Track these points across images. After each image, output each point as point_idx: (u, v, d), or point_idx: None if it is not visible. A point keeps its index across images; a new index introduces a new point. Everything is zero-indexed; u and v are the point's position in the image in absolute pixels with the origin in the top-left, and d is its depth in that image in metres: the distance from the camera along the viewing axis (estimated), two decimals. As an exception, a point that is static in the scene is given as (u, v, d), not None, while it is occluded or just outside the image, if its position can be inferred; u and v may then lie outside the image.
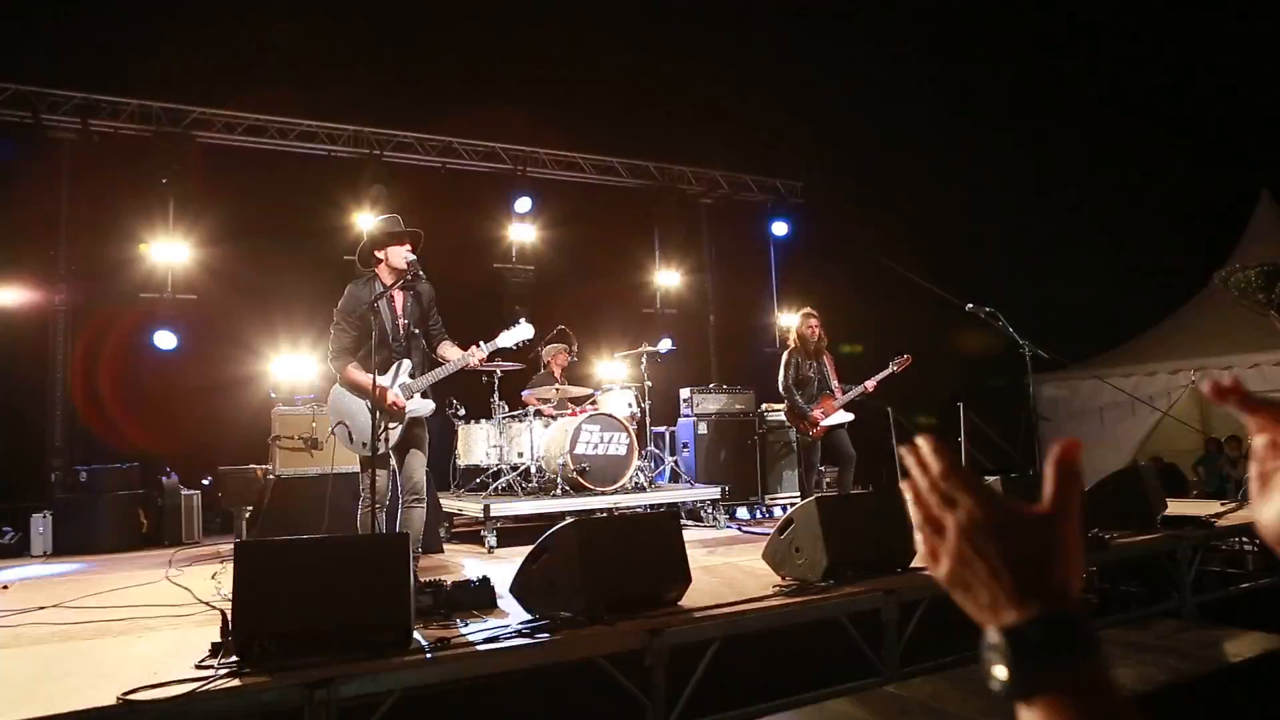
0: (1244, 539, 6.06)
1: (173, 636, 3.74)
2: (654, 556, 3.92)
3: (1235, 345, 10.47)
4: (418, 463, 4.92)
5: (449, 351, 5.02)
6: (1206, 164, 12.23)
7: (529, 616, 3.60)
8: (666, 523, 4.14)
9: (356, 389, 4.84)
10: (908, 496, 0.79)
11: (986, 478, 6.03)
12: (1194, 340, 11.21)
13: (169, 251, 9.27)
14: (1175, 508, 6.00)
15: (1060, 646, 0.68)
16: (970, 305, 6.73)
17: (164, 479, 7.96)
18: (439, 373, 4.96)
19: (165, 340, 9.00)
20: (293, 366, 8.76)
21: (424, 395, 4.94)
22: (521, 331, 5.05)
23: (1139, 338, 12.22)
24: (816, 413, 7.43)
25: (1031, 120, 12.56)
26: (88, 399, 8.90)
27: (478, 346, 4.91)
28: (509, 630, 3.42)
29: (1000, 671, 0.70)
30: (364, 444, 4.79)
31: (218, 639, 3.15)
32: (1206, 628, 4.58)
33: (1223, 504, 6.66)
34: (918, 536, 0.78)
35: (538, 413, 7.86)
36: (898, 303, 11.36)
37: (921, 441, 0.80)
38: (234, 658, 2.99)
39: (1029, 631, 0.69)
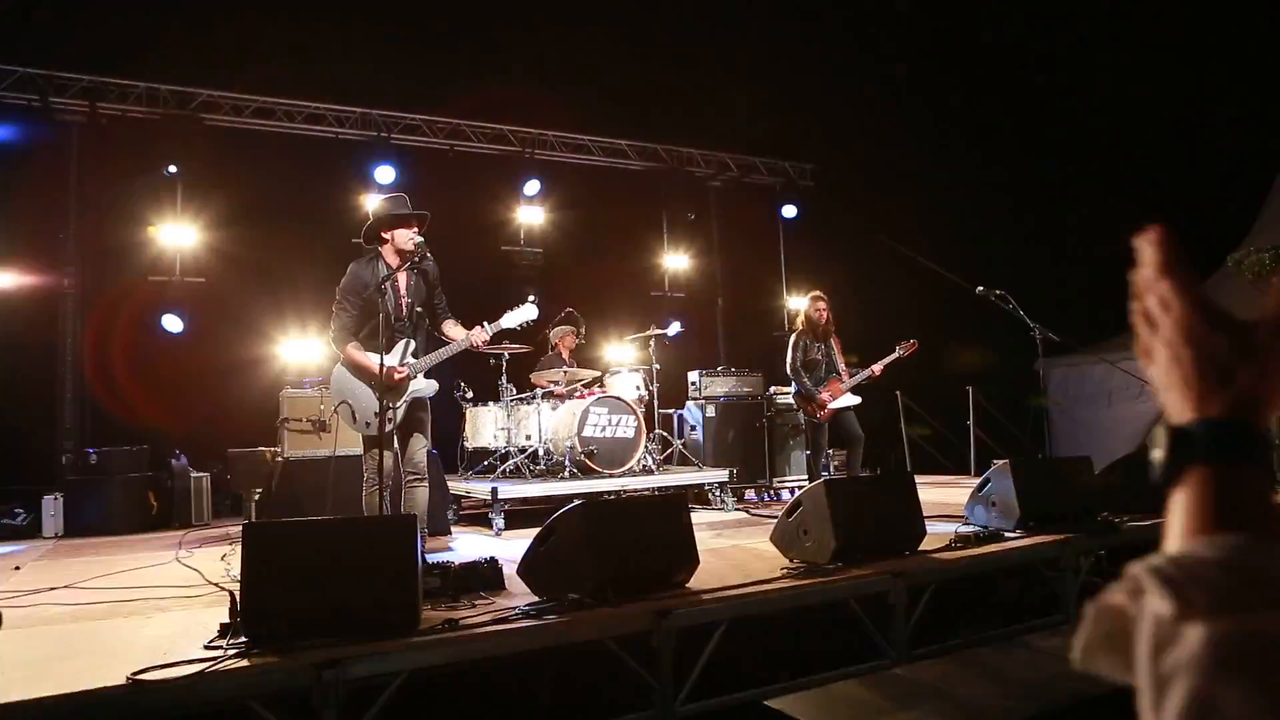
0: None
1: (182, 617, 3.76)
2: (662, 538, 3.92)
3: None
4: (419, 444, 4.93)
5: (453, 331, 5.01)
6: (1220, 146, 12.11)
7: (537, 598, 3.61)
8: (674, 505, 4.13)
9: (358, 369, 4.85)
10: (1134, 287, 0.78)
11: (995, 461, 6.01)
12: (1206, 323, 11.11)
13: (177, 234, 9.28)
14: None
15: (1222, 447, 0.68)
16: (980, 288, 6.70)
17: (173, 461, 8.00)
18: (442, 353, 4.95)
19: (173, 323, 9.01)
20: (301, 349, 8.77)
21: (427, 376, 4.94)
22: (526, 312, 5.04)
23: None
24: (824, 395, 7.42)
25: (1044, 103, 12.45)
26: (97, 381, 8.93)
27: (481, 327, 4.90)
28: (517, 612, 3.43)
29: (1157, 455, 0.71)
30: (367, 423, 4.80)
31: (227, 620, 3.16)
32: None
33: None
34: (1138, 334, 0.78)
35: (546, 395, 7.86)
36: (907, 286, 11.31)
37: (1148, 232, 0.78)
38: (243, 638, 3.00)
39: (1196, 429, 0.69)
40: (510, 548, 5.48)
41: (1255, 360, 0.71)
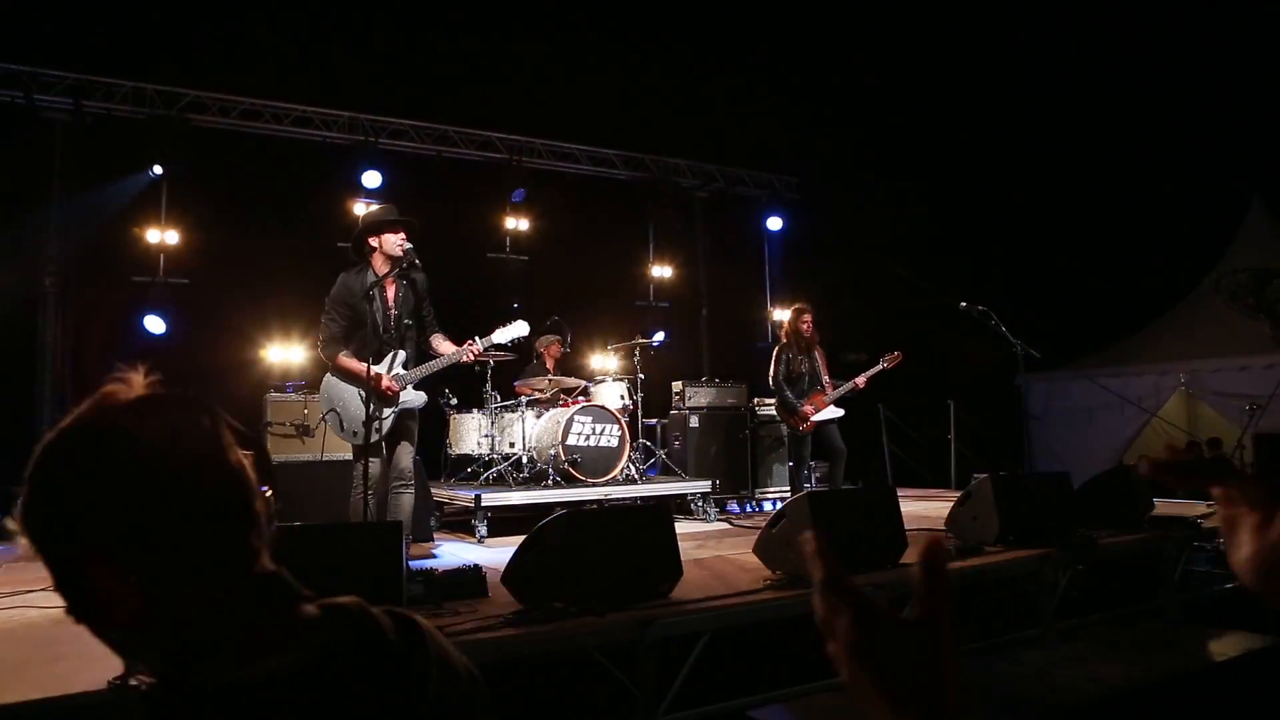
0: (1229, 540, 6.11)
1: (163, 621, 3.73)
2: (646, 548, 3.93)
3: (1224, 348, 10.54)
4: (406, 451, 4.95)
5: (441, 345, 5.04)
6: (1199, 168, 12.29)
7: (520, 606, 3.61)
8: (658, 515, 4.15)
9: (349, 376, 4.85)
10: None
11: (976, 475, 6.06)
12: (1184, 342, 11.28)
13: (161, 235, 9.23)
14: (1162, 508, 6.05)
15: None
16: (964, 304, 6.78)
17: (154, 464, 7.92)
18: (433, 366, 4.98)
19: (156, 324, 8.95)
20: (285, 353, 8.74)
21: (415, 388, 4.96)
22: (517, 329, 5.09)
23: (1129, 339, 12.29)
24: (807, 408, 7.46)
25: (1025, 121, 12.60)
26: (77, 382, 8.85)
27: (473, 342, 4.94)
28: (501, 620, 3.43)
29: None
30: (354, 432, 4.80)
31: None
32: (1191, 627, 4.64)
33: (1209, 505, 6.71)
34: (828, 642, 0.75)
35: (530, 403, 7.86)
36: (890, 299, 11.40)
37: (805, 538, 0.76)
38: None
39: None
40: (493, 555, 5.47)
41: (930, 663, 0.70)
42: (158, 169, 9.07)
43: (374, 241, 4.94)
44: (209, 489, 0.90)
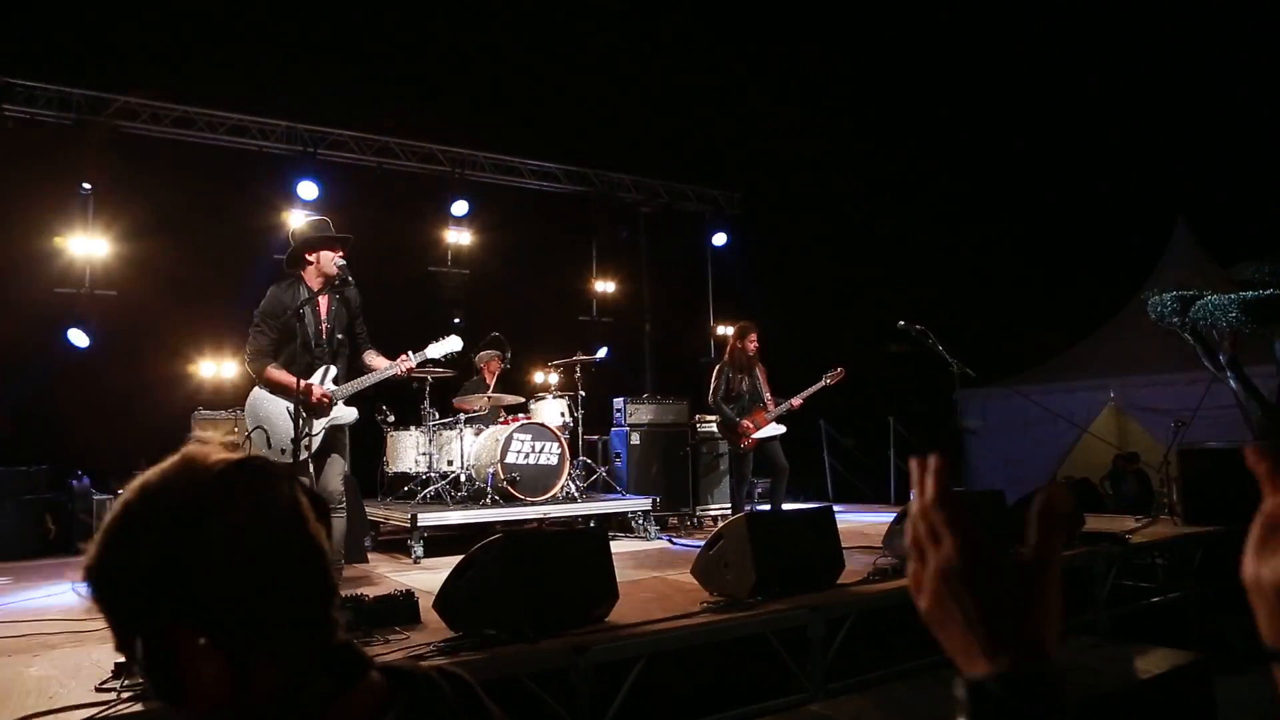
0: (1155, 554, 6.26)
1: (74, 655, 3.56)
2: (581, 572, 3.88)
3: (1152, 365, 10.86)
4: (336, 470, 4.81)
5: (374, 360, 4.94)
6: (1125, 190, 12.69)
7: (452, 634, 3.53)
8: (595, 538, 4.10)
9: (278, 389, 4.71)
10: (912, 510, 0.76)
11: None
12: (1113, 359, 11.60)
13: (87, 245, 8.91)
14: (1093, 523, 6.17)
15: (1020, 705, 0.66)
16: (901, 322, 6.86)
17: (74, 483, 7.63)
18: (364, 381, 4.87)
19: (79, 338, 8.63)
20: (216, 368, 8.50)
21: (347, 403, 4.85)
22: (451, 344, 5.00)
23: (1061, 356, 12.60)
24: (748, 424, 7.47)
25: (960, 143, 12.89)
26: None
27: (406, 356, 4.84)
28: (431, 649, 3.35)
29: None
30: (282, 450, 4.66)
31: (122, 658, 3.00)
32: (1119, 643, 4.71)
33: (1136, 519, 6.88)
34: (909, 562, 0.75)
35: (469, 420, 7.75)
36: (831, 317, 11.53)
37: (931, 460, 0.76)
38: (139, 679, 2.86)
39: (991, 686, 0.67)
40: (429, 577, 5.36)
41: (1034, 603, 0.69)
42: (87, 185, 8.75)
43: (310, 256, 4.82)
44: (294, 562, 0.90)
